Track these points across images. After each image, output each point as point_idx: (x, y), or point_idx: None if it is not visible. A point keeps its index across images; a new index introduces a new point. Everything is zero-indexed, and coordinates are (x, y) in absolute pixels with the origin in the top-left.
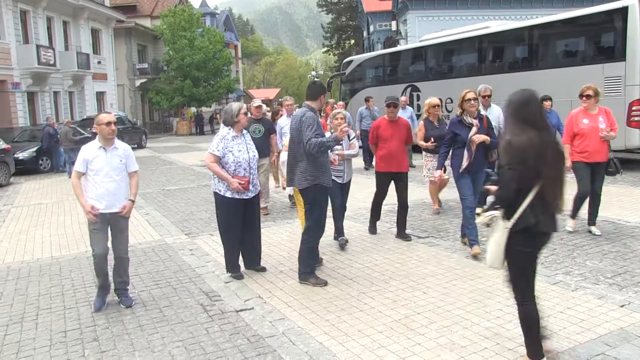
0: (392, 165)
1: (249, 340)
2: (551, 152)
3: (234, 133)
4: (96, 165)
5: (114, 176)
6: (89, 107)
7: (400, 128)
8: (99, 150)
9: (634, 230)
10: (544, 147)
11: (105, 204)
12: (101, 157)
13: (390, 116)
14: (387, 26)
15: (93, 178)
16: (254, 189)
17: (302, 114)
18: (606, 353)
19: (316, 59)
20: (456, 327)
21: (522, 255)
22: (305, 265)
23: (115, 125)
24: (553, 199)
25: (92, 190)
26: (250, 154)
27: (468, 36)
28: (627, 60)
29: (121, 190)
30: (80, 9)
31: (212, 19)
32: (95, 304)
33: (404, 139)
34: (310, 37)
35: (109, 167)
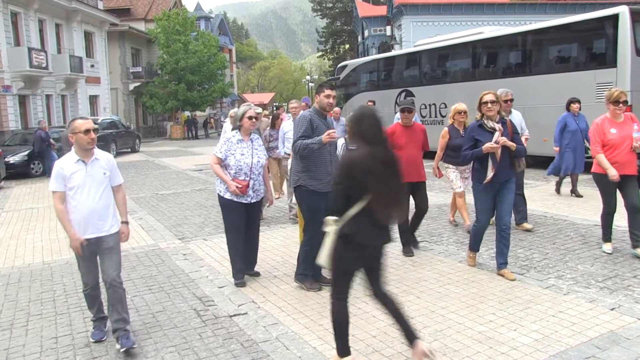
0: (409, 175)
1: (242, 345)
2: (383, 167)
3: (240, 136)
4: (76, 181)
5: (98, 192)
6: (82, 111)
7: (416, 134)
8: (78, 164)
9: (624, 235)
10: (375, 162)
11: (91, 227)
12: (81, 172)
13: (405, 122)
14: (381, 31)
15: (73, 197)
16: (255, 195)
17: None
18: (596, 356)
19: (311, 64)
20: (449, 331)
21: (343, 259)
22: (303, 268)
23: (95, 133)
24: (381, 212)
25: (73, 211)
26: (255, 160)
27: (462, 42)
28: (618, 67)
29: (108, 209)
30: (73, 12)
31: (207, 22)
32: (93, 336)
33: (421, 145)
34: (305, 42)
35: (91, 182)
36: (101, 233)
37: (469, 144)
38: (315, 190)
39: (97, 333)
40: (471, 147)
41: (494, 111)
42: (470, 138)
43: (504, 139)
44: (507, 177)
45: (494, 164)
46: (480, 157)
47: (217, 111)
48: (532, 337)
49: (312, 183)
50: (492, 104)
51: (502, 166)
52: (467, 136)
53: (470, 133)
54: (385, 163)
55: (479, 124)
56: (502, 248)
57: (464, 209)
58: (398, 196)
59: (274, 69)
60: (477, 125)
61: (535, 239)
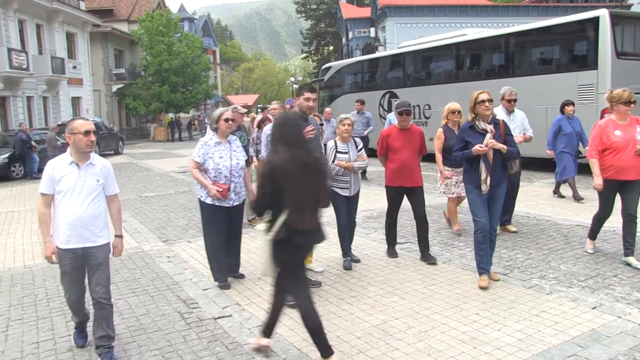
0: (405, 179)
1: (227, 348)
2: (302, 170)
3: (217, 139)
4: (65, 184)
5: (87, 200)
6: (64, 113)
7: (412, 137)
8: (70, 167)
9: (605, 234)
10: (294, 165)
11: (75, 237)
12: (72, 175)
13: (402, 124)
14: (365, 33)
15: (60, 202)
16: (237, 198)
17: None
18: (578, 354)
19: (295, 65)
20: (434, 332)
21: (285, 263)
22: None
23: (94, 136)
24: (303, 215)
25: (59, 217)
26: (234, 162)
27: (445, 43)
28: (599, 68)
29: (98, 219)
30: (54, 12)
31: (191, 24)
32: (76, 341)
33: (417, 149)
34: (289, 43)
35: (81, 188)
36: (86, 243)
37: (459, 145)
38: None
39: (79, 338)
40: (462, 148)
41: (490, 110)
42: (461, 139)
43: (493, 142)
44: (498, 180)
45: (487, 168)
46: (471, 159)
47: (201, 113)
48: (515, 336)
49: None
50: (489, 103)
51: (494, 169)
52: (458, 137)
53: (461, 134)
54: (305, 166)
55: (470, 125)
56: (478, 251)
57: (454, 214)
58: (315, 199)
59: (258, 71)
60: (469, 127)
61: (519, 239)
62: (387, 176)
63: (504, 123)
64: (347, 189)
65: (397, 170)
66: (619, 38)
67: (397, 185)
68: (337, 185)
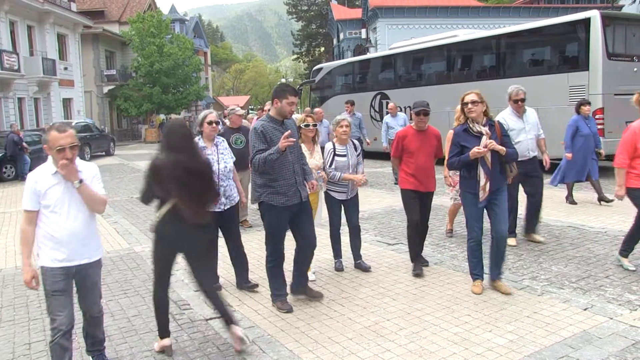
0: (421, 184)
1: (218, 349)
2: (186, 174)
3: (202, 143)
4: (52, 198)
5: (80, 212)
6: (55, 114)
7: (429, 139)
8: (55, 178)
9: (596, 236)
10: (177, 169)
11: (68, 254)
12: (59, 187)
13: (420, 126)
14: (357, 34)
15: (49, 217)
16: (228, 201)
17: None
18: (570, 355)
19: (286, 66)
20: (425, 333)
21: (156, 250)
22: (274, 287)
23: (72, 152)
24: (186, 213)
25: (49, 235)
26: (221, 165)
27: (436, 44)
28: (590, 69)
29: (92, 231)
30: (46, 14)
31: (182, 25)
32: None
33: (433, 152)
34: (280, 45)
35: (71, 199)
36: (82, 260)
37: (455, 151)
38: (278, 205)
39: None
40: (457, 153)
41: (475, 112)
42: (456, 144)
43: (492, 142)
44: (498, 184)
45: (486, 172)
46: (469, 164)
47: (192, 114)
48: (507, 337)
49: (274, 198)
50: (473, 105)
51: (492, 173)
52: (453, 141)
53: (456, 138)
54: (189, 170)
55: (464, 128)
56: (497, 259)
57: (454, 215)
58: (201, 199)
59: (249, 72)
60: (462, 130)
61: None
62: (401, 179)
63: (499, 124)
64: (343, 192)
65: (412, 174)
66: (610, 39)
67: (412, 188)
68: (333, 189)
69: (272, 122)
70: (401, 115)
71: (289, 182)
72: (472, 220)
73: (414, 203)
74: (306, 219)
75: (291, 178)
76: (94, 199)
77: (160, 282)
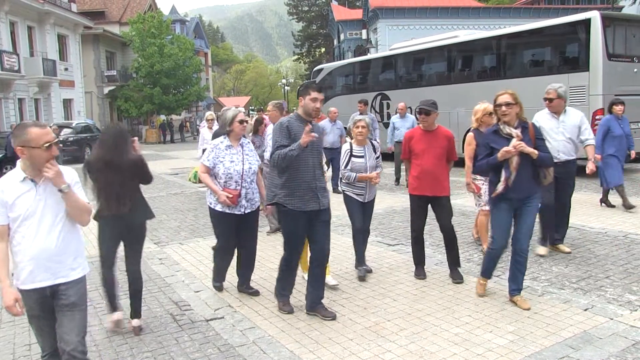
0: (426, 187)
1: (219, 350)
2: (106, 167)
3: (228, 142)
4: (21, 209)
5: (55, 224)
6: (56, 115)
7: (437, 141)
8: (25, 185)
9: (597, 236)
10: (99, 162)
11: (40, 273)
12: (29, 196)
13: (424, 125)
14: (357, 35)
15: (17, 231)
16: (249, 205)
17: None
18: (570, 355)
19: (287, 67)
20: (426, 334)
21: (99, 239)
22: (279, 287)
23: (56, 148)
24: (105, 203)
25: (18, 251)
26: (246, 166)
27: (437, 45)
28: (590, 70)
29: (68, 247)
30: (46, 14)
31: (182, 26)
32: None
33: (443, 154)
34: (280, 45)
35: (43, 210)
36: (57, 279)
37: (484, 153)
38: (294, 209)
39: None
40: (487, 156)
41: (509, 115)
42: (485, 146)
43: (522, 144)
44: (528, 192)
45: (507, 175)
46: (497, 167)
47: (193, 115)
48: (507, 338)
49: (290, 201)
50: (507, 107)
51: (522, 179)
52: (482, 143)
53: (485, 140)
54: (109, 164)
55: (494, 130)
56: (517, 273)
57: (486, 230)
58: (116, 192)
59: (250, 73)
60: (493, 132)
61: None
62: (409, 184)
63: (533, 126)
64: (362, 195)
65: (418, 178)
66: (610, 40)
67: (418, 193)
68: (352, 191)
69: (298, 120)
70: (410, 117)
71: (309, 186)
72: (498, 228)
73: (419, 212)
74: (322, 227)
75: (312, 182)
76: (80, 207)
77: (105, 263)
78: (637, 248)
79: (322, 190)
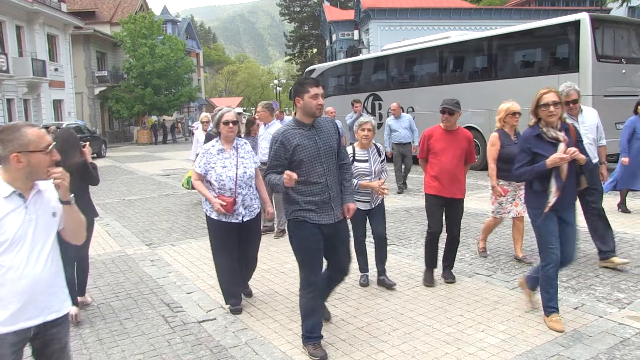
0: (444, 189)
1: (211, 351)
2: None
3: (220, 146)
4: (10, 230)
5: (46, 248)
6: (46, 116)
7: (458, 141)
8: (12, 201)
9: (586, 235)
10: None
11: (30, 309)
12: (18, 215)
13: (446, 125)
14: (349, 35)
15: (1, 257)
16: (247, 212)
17: None
18: (561, 354)
19: (279, 68)
20: (418, 334)
21: None
22: (306, 327)
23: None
24: None
25: (1, 284)
26: (240, 171)
27: (429, 46)
28: (580, 71)
29: (59, 274)
30: (35, 14)
31: (174, 26)
32: None
33: (462, 155)
34: (272, 46)
35: (34, 232)
36: (49, 315)
37: (525, 160)
38: (307, 220)
39: None
40: (528, 162)
41: (556, 116)
42: (526, 151)
43: (575, 151)
44: (573, 199)
45: (558, 184)
46: (544, 176)
47: (184, 116)
48: (499, 337)
49: (303, 214)
50: (555, 107)
51: (569, 186)
52: (522, 148)
53: (525, 144)
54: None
55: (536, 134)
56: (547, 288)
57: (489, 231)
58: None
59: (242, 73)
60: (534, 135)
61: (502, 241)
62: (425, 183)
63: (574, 127)
64: (367, 202)
65: (435, 177)
66: (599, 41)
67: (435, 193)
68: (357, 199)
69: (298, 126)
70: (406, 116)
71: (320, 199)
72: (551, 239)
73: (436, 210)
74: (339, 244)
75: (323, 194)
76: (82, 221)
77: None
78: (625, 247)
79: (336, 201)
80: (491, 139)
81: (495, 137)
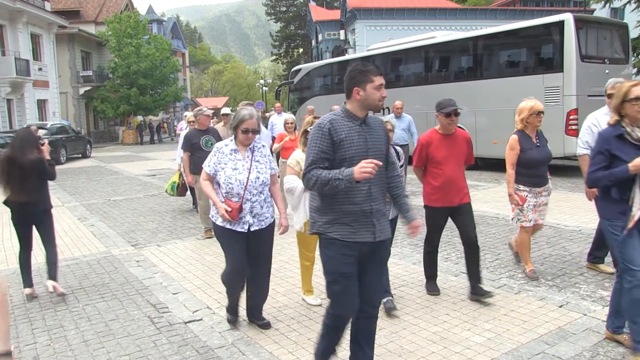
0: (452, 197)
1: (197, 352)
2: (8, 163)
3: (234, 146)
4: None
5: None
6: (30, 116)
7: (458, 145)
8: None
9: (571, 234)
10: (6, 160)
11: None
12: None
13: (449, 129)
14: (335, 35)
15: None
16: (256, 221)
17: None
18: (546, 351)
19: (265, 68)
20: (404, 333)
21: (13, 224)
22: (318, 346)
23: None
24: (13, 194)
25: None
26: (252, 175)
27: (415, 46)
28: (565, 71)
29: None
30: (18, 13)
31: (159, 26)
32: None
33: (463, 159)
34: (258, 46)
35: None
36: None
37: (602, 163)
38: (339, 239)
39: None
40: (606, 166)
41: None
42: (604, 153)
43: None
44: None
45: None
46: (624, 182)
47: (170, 115)
48: (485, 336)
49: (333, 229)
50: None
51: None
52: (599, 149)
53: (604, 145)
54: (12, 161)
55: (618, 134)
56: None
57: (527, 249)
58: (17, 184)
59: (228, 73)
60: (616, 136)
61: (488, 240)
62: (426, 194)
63: None
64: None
65: (440, 188)
66: (583, 41)
67: (443, 205)
68: None
69: (348, 118)
70: (406, 117)
71: (361, 209)
72: (635, 255)
73: (439, 225)
74: (374, 268)
75: (364, 203)
76: None
77: (22, 245)
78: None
79: (379, 214)
80: (510, 142)
81: (515, 140)
